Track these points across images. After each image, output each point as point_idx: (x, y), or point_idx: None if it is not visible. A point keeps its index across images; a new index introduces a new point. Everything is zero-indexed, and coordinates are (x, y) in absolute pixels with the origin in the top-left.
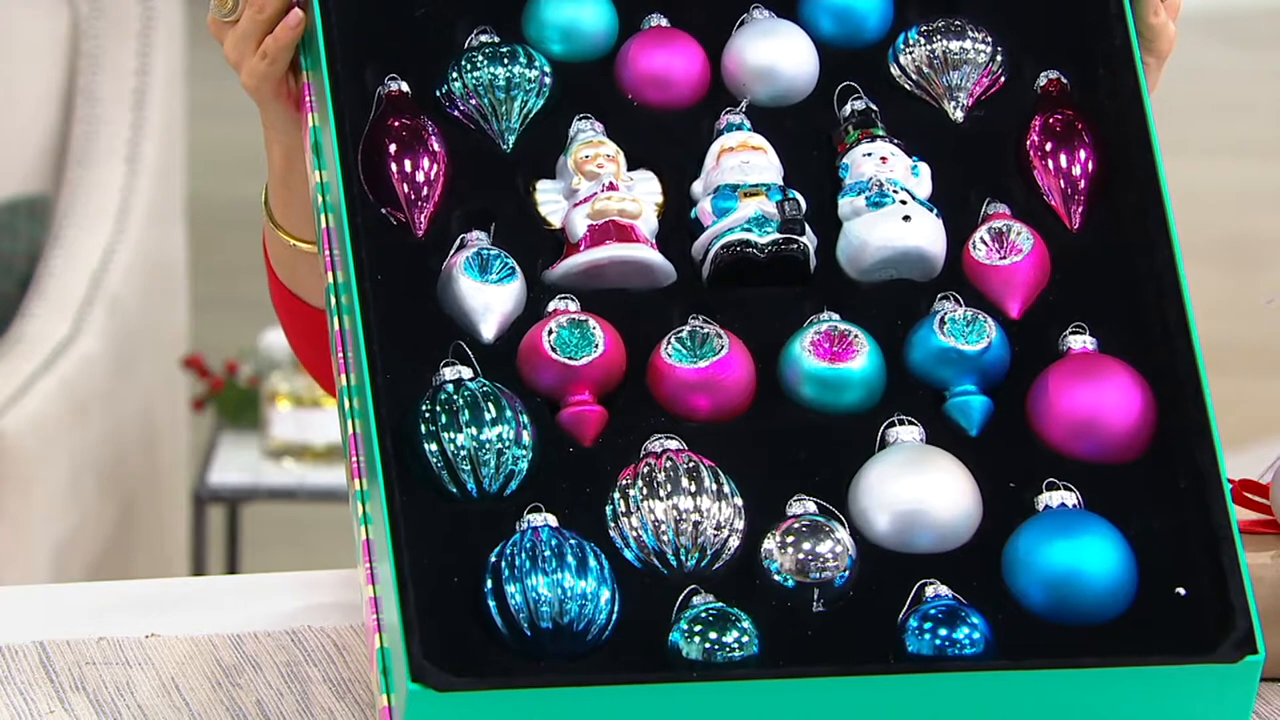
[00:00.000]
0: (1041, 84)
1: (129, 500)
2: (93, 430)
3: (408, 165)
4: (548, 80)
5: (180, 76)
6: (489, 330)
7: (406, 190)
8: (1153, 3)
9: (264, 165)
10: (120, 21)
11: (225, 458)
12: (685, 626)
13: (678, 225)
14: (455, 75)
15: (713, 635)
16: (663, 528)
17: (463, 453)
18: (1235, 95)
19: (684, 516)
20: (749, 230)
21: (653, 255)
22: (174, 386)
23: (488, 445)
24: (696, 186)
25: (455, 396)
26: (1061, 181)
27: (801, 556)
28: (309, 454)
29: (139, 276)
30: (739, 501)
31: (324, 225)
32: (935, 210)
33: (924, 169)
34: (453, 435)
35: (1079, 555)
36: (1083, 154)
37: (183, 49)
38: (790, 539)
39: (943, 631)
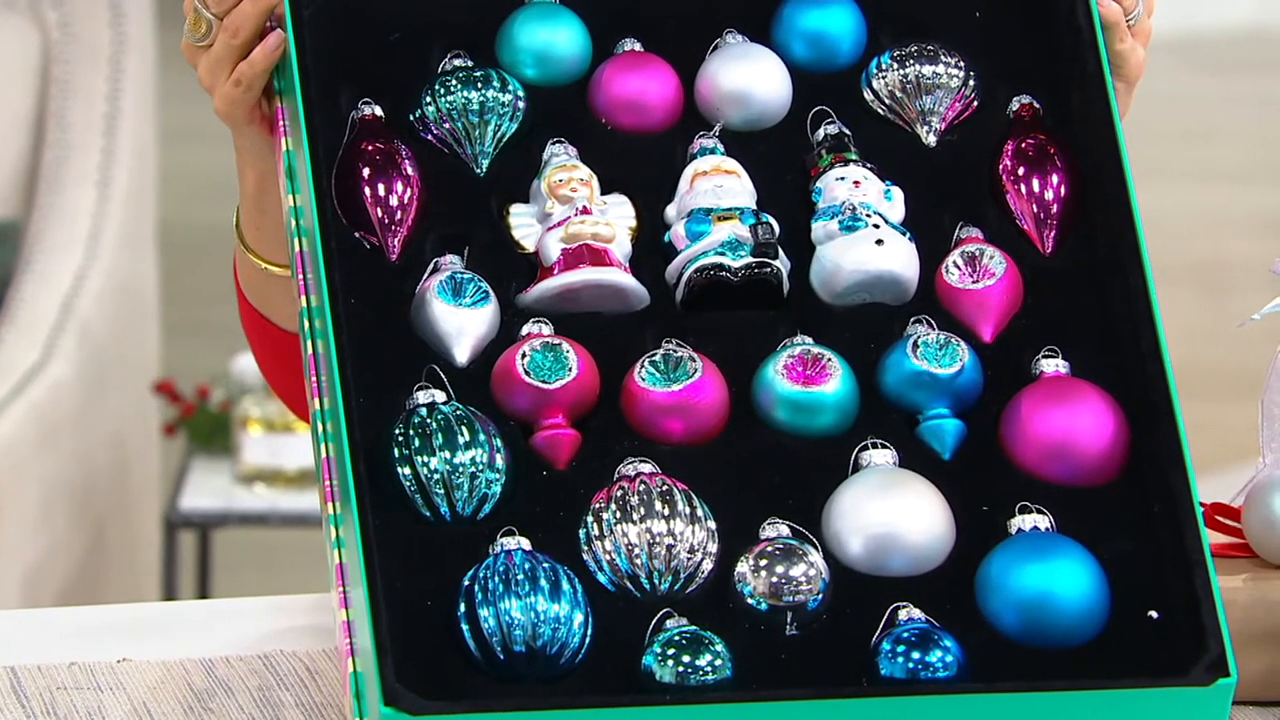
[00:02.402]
0: (1014, 109)
1: (100, 525)
2: (63, 455)
3: (381, 189)
4: (521, 104)
5: (152, 102)
6: (462, 354)
7: (380, 214)
8: (1119, 29)
9: (235, 190)
10: (92, 46)
11: (196, 483)
12: (658, 650)
13: (651, 249)
14: (429, 99)
15: (686, 658)
16: (636, 551)
17: (436, 476)
18: (1204, 122)
19: (657, 540)
20: (722, 254)
21: (626, 279)
22: (145, 411)
23: (461, 469)
24: (670, 210)
25: (429, 420)
26: (1034, 205)
27: (775, 580)
28: (280, 479)
29: (110, 302)
30: (712, 525)
31: (297, 249)
32: (908, 234)
33: (897, 193)
34: (426, 459)
35: (1051, 578)
36: (1055, 178)
37: (154, 74)
38: (764, 562)
39: (915, 654)
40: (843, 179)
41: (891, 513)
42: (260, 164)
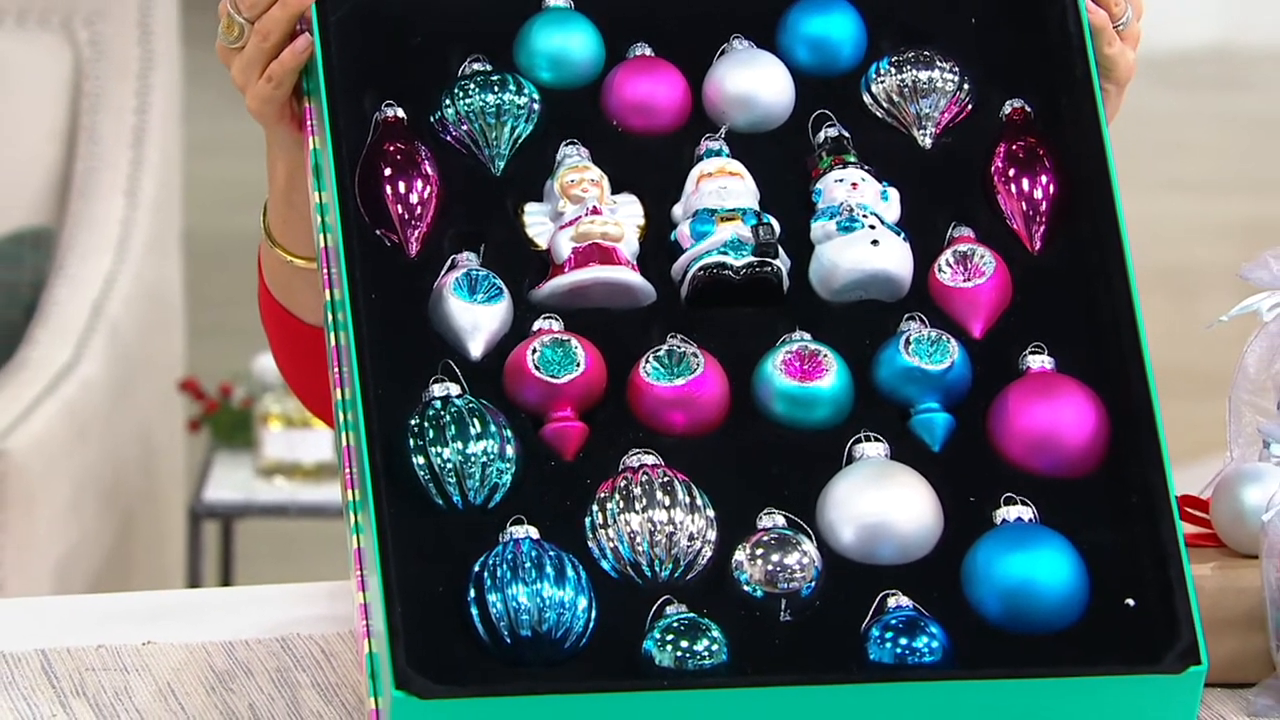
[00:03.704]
0: (1006, 112)
1: (128, 516)
2: (93, 450)
3: (402, 188)
4: (536, 107)
5: (177, 116)
6: (476, 348)
7: (400, 212)
8: (1107, 34)
9: (257, 199)
10: (121, 63)
11: (219, 476)
12: (658, 635)
13: (659, 247)
14: (448, 102)
15: (684, 644)
16: (638, 539)
17: (449, 466)
18: (1171, 135)
19: (658, 528)
20: (725, 253)
21: (633, 277)
22: (171, 408)
23: (473, 459)
24: (676, 210)
25: (443, 412)
26: (1024, 205)
27: (770, 568)
28: (299, 472)
29: (138, 304)
30: (711, 514)
31: (323, 244)
32: (903, 234)
33: (893, 194)
34: (440, 449)
35: (1033, 567)
36: (1044, 179)
37: (180, 90)
38: (760, 551)
39: (903, 640)
40: (841, 181)
41: (883, 503)
42: (291, 158)
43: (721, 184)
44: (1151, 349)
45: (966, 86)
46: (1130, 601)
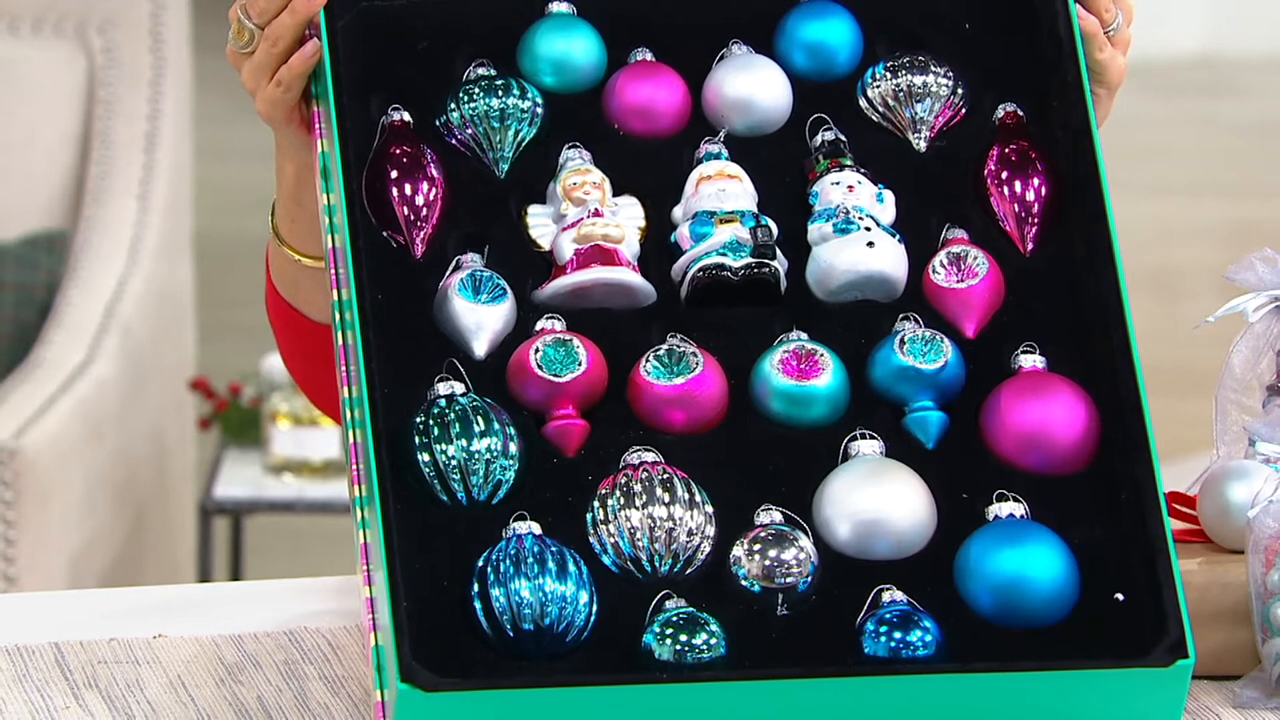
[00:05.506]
0: (999, 116)
1: (140, 512)
2: (106, 448)
3: (408, 190)
4: (539, 111)
5: (188, 121)
6: (480, 348)
7: (406, 213)
8: (1098, 40)
9: (266, 202)
10: (133, 70)
11: (229, 473)
12: (657, 629)
13: (658, 249)
14: (453, 106)
15: (683, 638)
16: (638, 535)
17: (453, 463)
18: (1156, 140)
19: (658, 524)
20: (724, 255)
21: (634, 278)
22: (182, 407)
23: (477, 456)
24: (676, 212)
25: (447, 410)
26: (1016, 207)
27: (767, 563)
28: (307, 469)
29: (150, 306)
30: (710, 510)
31: (331, 245)
32: (898, 236)
33: (888, 196)
34: (444, 447)
35: (1025, 563)
36: (1036, 181)
37: (191, 96)
38: (757, 546)
39: (897, 634)
40: (838, 183)
41: (877, 500)
42: (299, 159)
43: (720, 186)
44: (1138, 348)
45: (960, 91)
46: (1119, 596)
